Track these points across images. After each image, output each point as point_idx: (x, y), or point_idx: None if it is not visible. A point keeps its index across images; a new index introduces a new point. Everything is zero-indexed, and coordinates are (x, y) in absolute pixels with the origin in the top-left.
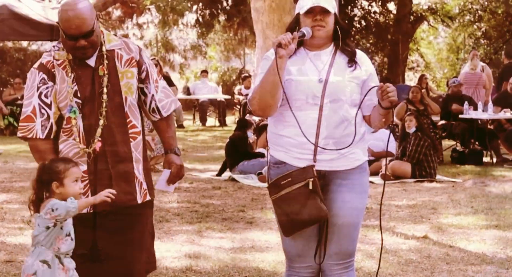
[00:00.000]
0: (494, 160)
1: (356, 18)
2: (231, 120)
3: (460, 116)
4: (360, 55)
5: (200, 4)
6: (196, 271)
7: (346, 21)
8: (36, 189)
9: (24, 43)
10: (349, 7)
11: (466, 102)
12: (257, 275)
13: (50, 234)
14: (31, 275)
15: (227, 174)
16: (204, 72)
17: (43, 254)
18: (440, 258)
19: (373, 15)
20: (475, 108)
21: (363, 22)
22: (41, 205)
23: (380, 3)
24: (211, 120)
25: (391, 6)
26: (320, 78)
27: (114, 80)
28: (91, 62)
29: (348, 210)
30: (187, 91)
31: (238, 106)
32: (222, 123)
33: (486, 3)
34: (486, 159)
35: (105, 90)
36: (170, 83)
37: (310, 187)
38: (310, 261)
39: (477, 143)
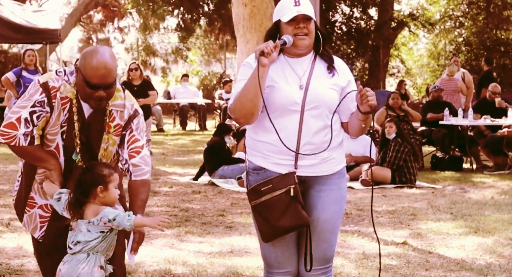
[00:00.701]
0: (474, 166)
1: (337, 24)
2: (212, 124)
3: (440, 122)
4: (338, 62)
5: (181, 9)
6: (174, 276)
7: (328, 27)
8: (76, 192)
9: (5, 46)
10: (330, 13)
11: (446, 109)
12: None
13: (106, 239)
14: None
15: (206, 178)
16: (185, 76)
17: (99, 260)
18: (419, 264)
19: (354, 21)
20: (455, 115)
21: (344, 28)
22: (82, 209)
23: (361, 9)
24: (192, 124)
25: (372, 12)
26: (300, 84)
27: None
28: (86, 112)
29: (327, 215)
30: (167, 95)
31: (219, 111)
32: (203, 127)
33: (467, 9)
34: (466, 166)
35: (103, 145)
36: (150, 87)
37: (292, 194)
38: (289, 267)
39: (457, 149)
